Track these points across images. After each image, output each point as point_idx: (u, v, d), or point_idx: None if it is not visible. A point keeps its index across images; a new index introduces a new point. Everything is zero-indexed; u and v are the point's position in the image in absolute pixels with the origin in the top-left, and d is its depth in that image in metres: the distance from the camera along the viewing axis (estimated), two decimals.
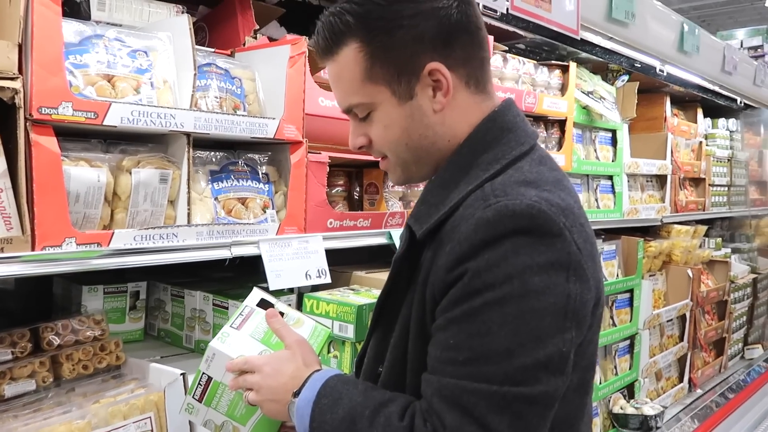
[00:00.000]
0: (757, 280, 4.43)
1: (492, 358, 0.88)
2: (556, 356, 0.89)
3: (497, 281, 0.88)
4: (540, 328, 0.88)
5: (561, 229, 0.91)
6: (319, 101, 1.72)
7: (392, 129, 1.04)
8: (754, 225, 4.78)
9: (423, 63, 1.00)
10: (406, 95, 1.02)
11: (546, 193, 0.95)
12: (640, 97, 3.21)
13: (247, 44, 1.80)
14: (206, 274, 1.91)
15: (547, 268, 0.89)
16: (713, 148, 4.11)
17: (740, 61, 3.87)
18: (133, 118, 1.32)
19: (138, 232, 1.31)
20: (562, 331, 0.90)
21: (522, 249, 0.89)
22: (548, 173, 1.02)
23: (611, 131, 3.04)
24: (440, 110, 1.03)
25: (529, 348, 0.88)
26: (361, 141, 1.09)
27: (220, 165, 1.57)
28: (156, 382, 1.35)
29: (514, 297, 0.88)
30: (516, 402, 0.87)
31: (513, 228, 0.90)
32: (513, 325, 0.88)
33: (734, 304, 4.08)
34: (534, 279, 0.88)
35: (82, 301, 1.57)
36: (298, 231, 1.63)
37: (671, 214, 3.50)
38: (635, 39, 2.78)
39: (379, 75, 1.01)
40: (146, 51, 1.45)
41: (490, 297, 0.89)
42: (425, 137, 1.05)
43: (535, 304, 0.88)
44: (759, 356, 4.39)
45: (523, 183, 0.97)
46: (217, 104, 1.56)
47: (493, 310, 0.88)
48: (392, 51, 1.00)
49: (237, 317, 1.14)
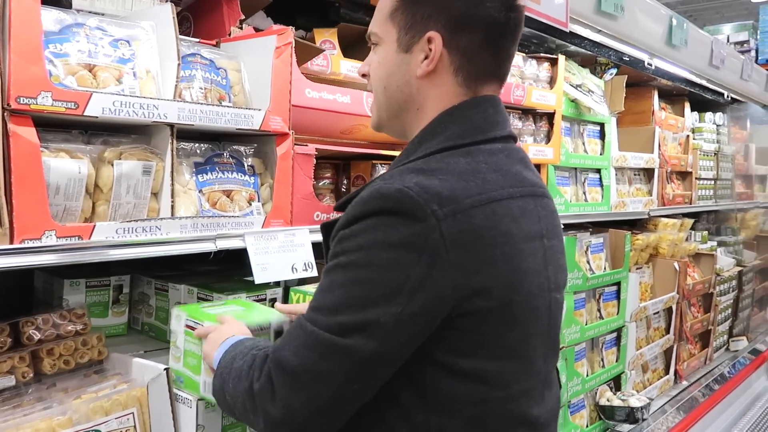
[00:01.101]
0: (742, 272, 4.47)
1: (323, 309, 1.01)
2: (372, 323, 0.97)
3: (350, 249, 1.01)
4: (367, 295, 0.98)
5: (426, 216, 0.97)
6: (306, 92, 1.69)
7: (382, 67, 1.17)
8: (739, 218, 4.82)
9: (429, 29, 1.11)
10: (405, 47, 1.13)
11: (433, 180, 1.01)
12: (628, 90, 3.21)
13: (233, 34, 1.77)
14: (191, 267, 1.88)
15: (397, 246, 0.98)
16: (700, 141, 4.13)
17: (728, 56, 3.88)
18: (115, 108, 1.29)
19: (120, 225, 1.29)
20: (389, 304, 0.97)
21: (381, 226, 0.99)
22: (464, 165, 1.06)
23: (599, 124, 3.04)
24: (422, 76, 1.13)
25: (350, 309, 0.98)
26: (365, 69, 1.24)
27: (205, 157, 1.54)
28: (139, 377, 1.33)
29: (358, 265, 1.00)
30: (323, 345, 0.98)
31: (380, 207, 1.00)
32: (347, 288, 1.00)
33: (720, 296, 4.11)
34: (380, 254, 0.98)
35: (63, 295, 1.55)
36: (284, 224, 1.61)
37: (658, 207, 3.51)
38: (624, 32, 2.78)
39: (398, 19, 1.14)
40: (129, 40, 1.42)
41: (342, 260, 1.01)
42: (400, 91, 1.16)
43: (371, 275, 0.98)
44: (743, 348, 4.44)
45: (414, 170, 1.05)
46: (201, 95, 1.54)
47: (338, 272, 1.01)
48: (415, 6, 1.12)
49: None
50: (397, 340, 0.99)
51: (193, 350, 1.32)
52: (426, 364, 1.03)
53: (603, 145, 3.05)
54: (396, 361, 1.01)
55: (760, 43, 13.57)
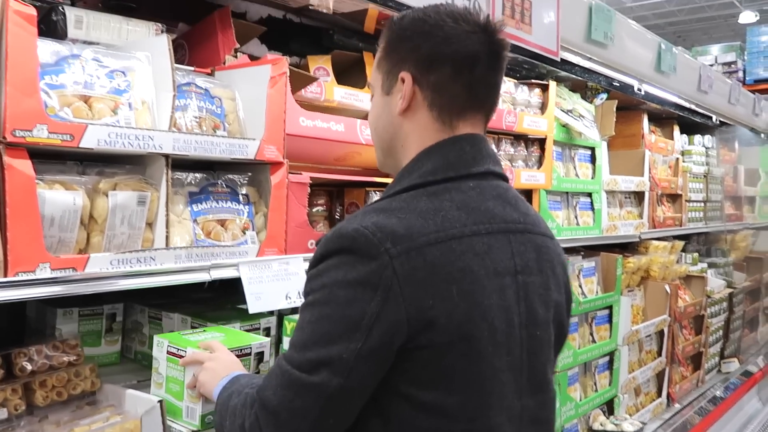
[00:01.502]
0: (732, 294, 4.49)
1: (296, 347, 1.07)
2: (336, 359, 1.02)
3: (316, 288, 1.07)
4: (330, 332, 1.04)
5: (380, 254, 1.02)
6: (300, 121, 1.71)
7: (373, 111, 1.28)
8: (729, 240, 4.86)
9: (402, 70, 1.20)
10: (387, 90, 1.23)
11: (391, 219, 1.06)
12: (618, 114, 3.24)
13: (228, 63, 1.79)
14: (185, 296, 1.88)
15: (354, 284, 1.03)
16: (690, 164, 4.17)
17: (716, 80, 3.94)
18: (110, 140, 1.30)
19: (114, 256, 1.29)
20: (349, 340, 1.02)
21: (341, 265, 1.05)
22: (425, 203, 1.10)
23: (590, 149, 3.07)
24: (400, 113, 1.20)
25: (318, 345, 1.04)
26: None
27: (200, 186, 1.55)
28: (132, 409, 1.32)
29: (321, 303, 1.06)
30: (297, 384, 1.04)
31: (339, 247, 1.06)
32: (313, 325, 1.06)
33: (711, 318, 4.13)
34: (340, 292, 1.04)
35: (56, 324, 1.54)
36: (278, 252, 1.61)
37: (649, 230, 3.54)
38: (614, 59, 2.82)
39: (382, 67, 1.25)
40: (124, 71, 1.43)
41: (309, 300, 1.08)
42: (387, 131, 1.24)
43: (332, 312, 1.04)
44: (735, 370, 4.45)
45: (376, 210, 1.10)
46: (196, 124, 1.55)
47: (306, 310, 1.08)
48: (393, 53, 1.23)
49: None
50: (360, 373, 1.03)
51: (175, 376, 1.35)
52: (391, 395, 1.07)
53: (594, 169, 3.08)
54: (363, 393, 1.06)
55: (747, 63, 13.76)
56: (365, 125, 1.88)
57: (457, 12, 1.18)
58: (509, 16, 2.07)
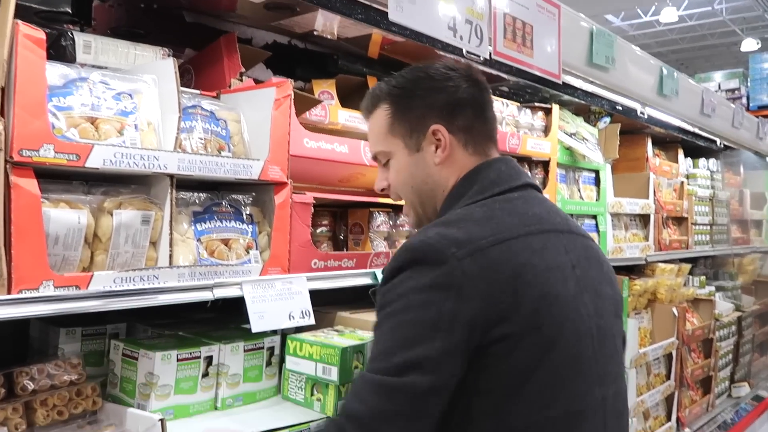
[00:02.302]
0: (741, 317, 4.45)
1: (379, 357, 1.13)
2: (422, 358, 1.09)
3: (391, 300, 1.15)
4: (411, 336, 1.11)
5: (447, 258, 1.12)
6: (305, 142, 1.73)
7: (402, 173, 1.36)
8: (737, 263, 4.82)
9: (429, 124, 1.31)
10: (415, 148, 1.33)
11: (453, 229, 1.17)
12: (622, 137, 3.26)
13: (233, 86, 1.82)
14: (188, 315, 1.88)
15: (428, 289, 1.12)
16: (695, 187, 4.16)
17: (718, 104, 3.96)
18: (116, 160, 1.31)
19: (118, 275, 1.30)
20: (432, 339, 1.10)
21: (413, 275, 1.14)
22: (481, 212, 1.23)
23: (594, 171, 3.08)
24: (440, 163, 1.32)
25: (402, 350, 1.11)
26: (382, 184, 1.42)
27: (204, 206, 1.56)
28: (133, 427, 1.32)
29: (399, 311, 1.13)
30: (387, 388, 1.09)
31: (410, 260, 1.16)
32: (394, 332, 1.13)
33: (720, 341, 4.08)
34: (415, 297, 1.12)
35: (59, 344, 1.54)
36: (281, 271, 1.62)
37: (655, 252, 3.52)
38: (616, 83, 2.84)
39: (397, 130, 1.34)
40: (131, 93, 1.45)
41: (386, 311, 1.16)
42: (426, 183, 1.34)
43: (411, 317, 1.12)
44: (746, 394, 4.38)
45: (437, 224, 1.22)
46: (201, 145, 1.57)
47: (385, 322, 1.16)
48: (408, 113, 1.33)
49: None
50: (447, 371, 1.11)
51: (129, 377, 1.48)
52: (471, 393, 1.14)
53: (598, 192, 3.08)
54: (449, 392, 1.12)
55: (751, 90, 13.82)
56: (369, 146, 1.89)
57: (449, 65, 1.35)
58: (510, 39, 2.10)
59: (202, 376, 1.54)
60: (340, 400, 1.53)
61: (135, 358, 1.48)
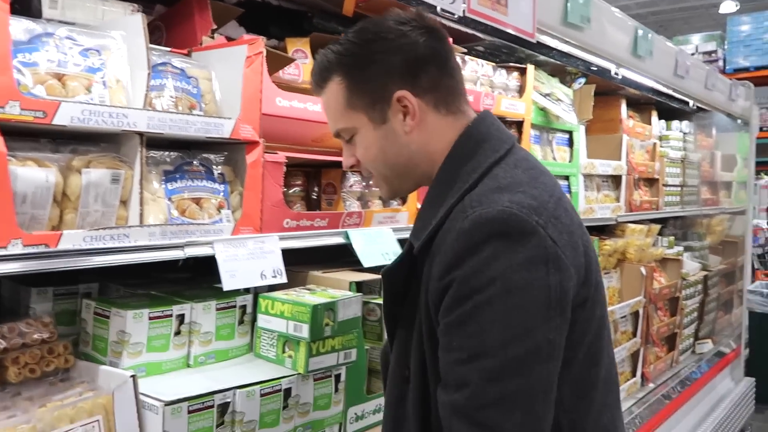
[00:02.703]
0: (707, 277, 4.57)
1: (489, 352, 0.99)
2: (545, 344, 1.00)
3: (482, 285, 1.00)
4: (527, 320, 0.99)
5: (534, 227, 1.02)
6: (277, 101, 1.71)
7: (371, 149, 1.21)
8: (705, 224, 4.93)
9: (392, 91, 1.17)
10: (380, 120, 1.19)
11: (519, 195, 1.06)
12: (597, 99, 3.27)
13: (205, 44, 1.79)
14: (160, 275, 1.89)
15: (525, 264, 1.00)
16: (667, 149, 4.22)
17: (692, 66, 3.98)
18: (84, 117, 1.30)
19: (88, 233, 1.30)
20: (547, 320, 1.00)
21: (500, 252, 1.00)
22: (522, 174, 1.12)
23: (568, 132, 3.10)
24: (410, 132, 1.19)
25: (520, 339, 0.99)
26: (350, 161, 1.27)
27: (175, 165, 1.56)
28: (105, 384, 1.34)
29: (500, 296, 0.99)
30: (520, 398, 0.99)
31: (489, 233, 1.02)
32: (503, 321, 0.99)
33: (686, 300, 4.20)
34: (515, 277, 0.99)
35: (30, 304, 1.54)
36: (253, 231, 1.63)
37: (626, 213, 3.58)
38: (590, 43, 2.84)
39: (357, 103, 1.19)
40: (98, 50, 1.43)
41: (479, 299, 1.00)
42: (400, 155, 1.21)
43: (519, 300, 0.99)
44: (709, 350, 4.54)
45: (496, 189, 1.08)
46: (172, 104, 1.55)
47: (483, 311, 1.00)
48: (366, 83, 1.18)
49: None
50: (562, 346, 1.05)
51: (101, 335, 1.49)
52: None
53: (572, 153, 3.11)
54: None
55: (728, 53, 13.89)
56: None
57: (400, 18, 1.19)
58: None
59: (174, 335, 1.56)
60: (311, 357, 1.56)
61: (107, 317, 1.49)
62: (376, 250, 1.89)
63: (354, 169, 1.31)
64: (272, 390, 1.52)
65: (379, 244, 1.91)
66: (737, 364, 5.05)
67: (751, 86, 5.28)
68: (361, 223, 1.92)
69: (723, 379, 4.72)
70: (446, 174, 1.18)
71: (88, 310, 1.53)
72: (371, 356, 1.85)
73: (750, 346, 5.41)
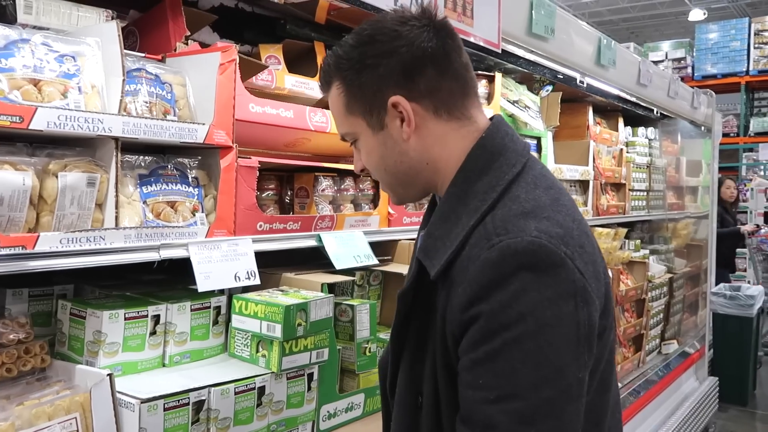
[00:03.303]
0: (673, 279, 4.70)
1: (520, 394, 0.95)
2: (575, 382, 0.97)
3: (511, 321, 0.95)
4: (558, 358, 0.95)
5: (563, 259, 0.98)
6: (250, 107, 1.76)
7: (372, 155, 1.17)
8: (671, 228, 5.07)
9: (387, 97, 1.11)
10: (378, 126, 1.14)
11: (545, 222, 1.01)
12: (566, 106, 3.37)
13: (179, 50, 1.83)
14: (136, 277, 1.92)
15: (555, 300, 0.96)
16: (633, 155, 4.34)
17: (655, 74, 4.11)
18: (60, 122, 1.33)
19: (64, 235, 1.33)
20: (577, 357, 0.97)
21: (529, 286, 0.96)
22: (544, 196, 1.07)
23: (536, 138, 3.18)
24: (408, 139, 1.13)
25: (552, 380, 0.95)
26: (359, 165, 1.23)
27: (149, 169, 1.59)
28: (82, 383, 1.36)
29: (530, 333, 0.95)
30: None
31: (518, 266, 0.97)
32: (534, 360, 0.95)
33: (652, 302, 4.31)
34: (546, 313, 0.95)
35: (6, 305, 1.56)
36: (227, 234, 1.67)
37: (593, 217, 3.68)
38: (555, 52, 2.93)
39: (355, 109, 1.15)
40: (74, 56, 1.46)
41: (508, 337, 0.95)
42: (401, 162, 1.15)
43: (550, 338, 0.95)
44: (674, 351, 4.66)
45: (521, 215, 1.02)
46: (146, 109, 1.59)
47: (513, 349, 0.95)
48: (361, 88, 1.13)
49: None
50: (587, 382, 1.01)
51: (77, 335, 1.53)
52: None
53: (540, 158, 3.20)
54: None
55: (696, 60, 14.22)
56: (314, 112, 1.94)
57: (400, 16, 1.13)
58: (451, 9, 2.16)
59: (150, 335, 1.59)
60: (284, 356, 1.61)
61: (83, 317, 1.52)
62: (348, 252, 1.94)
63: (366, 174, 1.26)
64: (246, 388, 1.56)
65: (351, 246, 1.97)
66: (701, 364, 5.19)
67: (713, 94, 5.45)
68: (333, 227, 1.97)
69: (688, 379, 4.85)
70: (459, 189, 1.11)
71: (64, 311, 1.56)
72: (343, 356, 1.90)
73: (714, 346, 5.57)
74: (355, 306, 1.89)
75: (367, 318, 1.92)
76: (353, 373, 1.92)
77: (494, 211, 1.05)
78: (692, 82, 12.77)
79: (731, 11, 16.74)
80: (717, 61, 13.13)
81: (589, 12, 17.22)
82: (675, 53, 13.96)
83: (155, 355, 1.61)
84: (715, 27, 13.21)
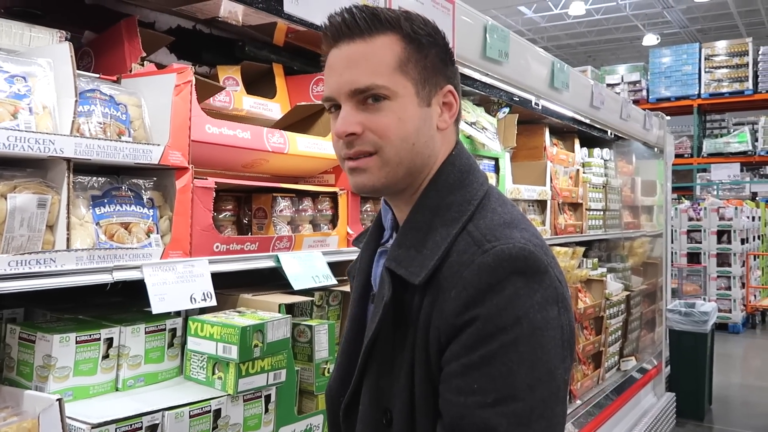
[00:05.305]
0: (630, 296, 4.80)
1: (518, 395, 0.96)
2: (562, 384, 1.00)
3: (508, 324, 0.97)
4: (549, 360, 0.98)
5: (546, 267, 1.02)
6: (206, 128, 1.76)
7: (406, 124, 1.08)
8: (627, 246, 5.19)
9: (444, 82, 1.13)
10: (426, 101, 1.11)
11: (525, 232, 1.05)
12: (523, 127, 3.44)
13: (134, 71, 1.83)
14: (89, 300, 1.88)
15: (543, 304, 0.99)
16: (589, 175, 4.45)
17: (607, 97, 4.24)
18: (9, 143, 1.32)
19: (13, 258, 1.30)
20: (562, 360, 1.00)
21: (521, 290, 0.98)
22: (513, 211, 1.12)
23: (494, 159, 3.25)
24: (445, 128, 1.14)
25: (545, 381, 0.97)
26: (354, 128, 1.07)
27: (103, 190, 1.58)
28: (30, 408, 1.33)
29: (525, 336, 0.97)
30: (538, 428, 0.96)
31: (511, 270, 0.99)
32: (529, 361, 0.97)
33: (610, 319, 4.40)
34: (537, 317, 0.98)
35: None
36: (183, 255, 1.66)
37: (552, 236, 3.75)
38: (510, 76, 3.01)
39: (411, 72, 1.08)
40: (25, 76, 1.45)
41: (506, 339, 0.97)
42: (427, 146, 1.12)
43: (541, 340, 0.98)
44: (632, 367, 4.75)
45: (504, 225, 1.06)
46: (100, 130, 1.58)
47: (510, 351, 0.96)
48: (427, 59, 1.10)
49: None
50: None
51: (26, 360, 1.49)
52: None
53: (498, 179, 3.26)
54: None
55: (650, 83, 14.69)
56: (272, 133, 1.95)
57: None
58: None
59: (103, 358, 1.56)
60: (241, 378, 1.60)
61: (32, 341, 1.49)
62: (307, 273, 1.95)
63: (350, 139, 1.08)
64: (201, 411, 1.54)
65: (309, 267, 1.97)
66: (659, 380, 5.29)
67: (664, 116, 5.64)
68: (291, 247, 1.98)
69: (646, 395, 4.94)
70: (431, 200, 1.11)
71: (13, 335, 1.52)
72: (302, 377, 1.90)
73: (670, 362, 5.69)
74: (313, 326, 1.89)
75: (326, 338, 1.92)
76: (312, 395, 1.91)
77: (474, 221, 1.07)
78: (647, 105, 13.21)
79: (683, 36, 17.40)
80: (670, 84, 13.62)
81: (548, 36, 17.69)
82: (630, 76, 14.44)
83: (108, 379, 1.58)
84: (668, 51, 13.72)
